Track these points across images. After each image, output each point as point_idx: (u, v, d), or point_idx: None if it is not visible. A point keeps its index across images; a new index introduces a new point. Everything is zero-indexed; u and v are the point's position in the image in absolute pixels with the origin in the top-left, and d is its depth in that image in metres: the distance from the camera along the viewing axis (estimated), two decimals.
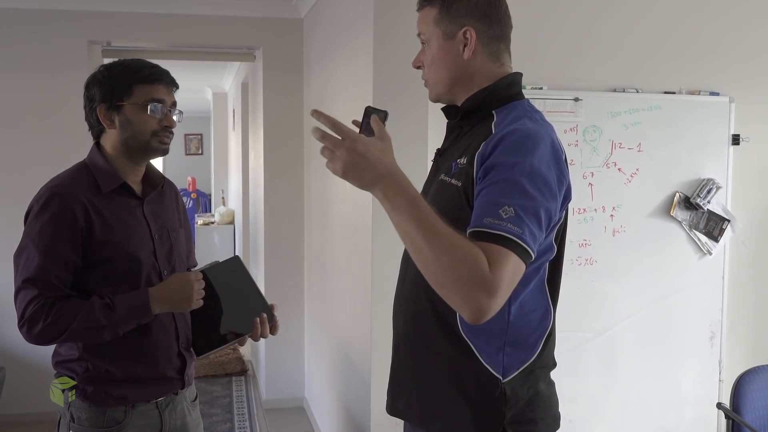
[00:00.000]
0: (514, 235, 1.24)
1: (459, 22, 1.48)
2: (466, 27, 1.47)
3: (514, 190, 1.28)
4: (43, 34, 4.37)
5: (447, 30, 1.49)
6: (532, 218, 1.28)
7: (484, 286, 1.20)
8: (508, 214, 1.26)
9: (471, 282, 1.20)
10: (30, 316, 1.73)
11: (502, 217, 1.25)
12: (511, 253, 1.24)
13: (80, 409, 1.85)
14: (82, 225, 1.78)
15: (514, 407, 1.44)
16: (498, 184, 1.30)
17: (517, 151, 1.32)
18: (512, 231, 1.25)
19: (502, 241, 1.24)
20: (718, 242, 3.38)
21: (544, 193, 1.31)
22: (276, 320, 1.94)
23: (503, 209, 1.26)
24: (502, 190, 1.29)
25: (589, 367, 3.28)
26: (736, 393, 2.67)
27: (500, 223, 1.25)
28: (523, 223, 1.26)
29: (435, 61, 1.52)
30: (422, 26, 1.54)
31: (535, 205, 1.29)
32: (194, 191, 10.65)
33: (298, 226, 4.77)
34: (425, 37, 1.53)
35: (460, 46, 1.48)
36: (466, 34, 1.47)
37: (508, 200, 1.27)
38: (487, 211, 1.27)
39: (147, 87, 1.87)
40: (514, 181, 1.29)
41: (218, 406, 4.78)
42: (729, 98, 3.39)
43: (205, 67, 7.23)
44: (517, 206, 1.27)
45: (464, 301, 1.22)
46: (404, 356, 1.57)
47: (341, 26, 3.58)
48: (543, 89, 3.14)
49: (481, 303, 1.21)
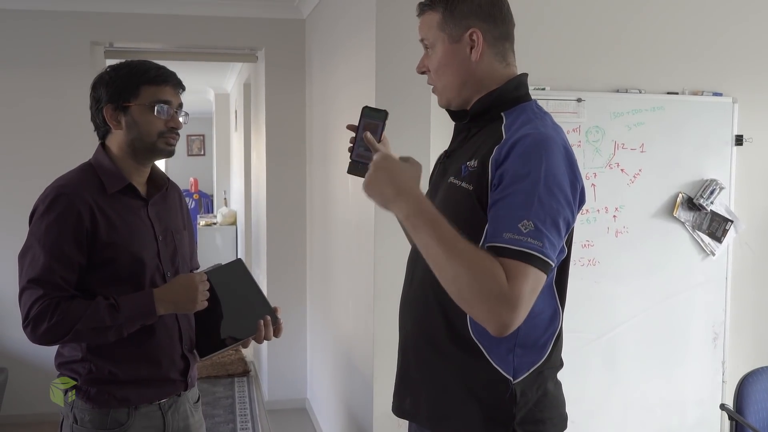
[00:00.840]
0: (534, 250, 1.26)
1: (464, 24, 1.46)
2: (471, 29, 1.46)
3: (531, 201, 1.29)
4: (46, 34, 4.38)
5: (452, 33, 1.47)
6: (552, 228, 1.30)
7: (504, 301, 1.23)
8: (527, 228, 1.27)
9: (491, 297, 1.23)
10: (35, 316, 1.73)
11: (522, 231, 1.27)
12: (531, 267, 1.26)
13: (83, 410, 1.85)
14: (87, 225, 1.78)
15: (523, 408, 1.44)
16: (515, 195, 1.30)
17: (531, 158, 1.32)
18: (532, 246, 1.26)
19: (522, 256, 1.26)
20: (721, 243, 3.37)
21: (560, 200, 1.32)
22: (280, 323, 1.94)
23: (522, 223, 1.27)
24: (519, 201, 1.29)
25: (591, 367, 3.28)
26: (739, 394, 2.66)
27: (520, 239, 1.27)
28: (542, 235, 1.28)
29: (442, 66, 1.50)
30: (425, 31, 1.52)
31: (554, 214, 1.30)
32: (196, 192, 10.67)
33: (300, 226, 4.77)
34: (429, 42, 1.52)
35: (467, 49, 1.47)
36: (473, 36, 1.46)
37: (527, 213, 1.28)
38: (505, 225, 1.29)
39: (154, 88, 1.87)
40: (530, 191, 1.29)
41: (221, 406, 4.77)
42: (732, 99, 3.39)
43: (207, 68, 7.24)
44: (536, 219, 1.28)
45: (487, 316, 1.25)
46: (412, 358, 1.57)
47: (343, 27, 3.58)
48: (546, 90, 3.14)
49: (503, 317, 1.24)
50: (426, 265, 1.51)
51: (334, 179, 3.84)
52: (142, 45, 4.78)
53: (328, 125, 4.01)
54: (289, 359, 4.81)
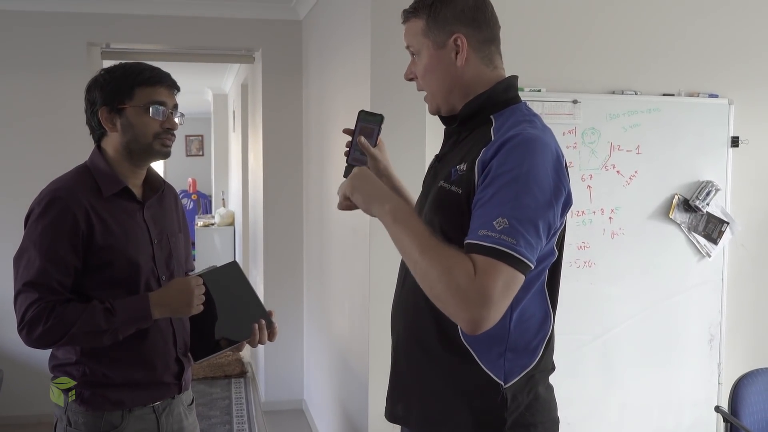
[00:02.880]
0: (506, 247, 1.26)
1: (448, 30, 1.46)
2: (455, 34, 1.46)
3: (508, 199, 1.29)
4: (42, 35, 4.37)
5: (436, 39, 1.48)
6: (529, 227, 1.29)
7: (472, 296, 1.23)
8: (501, 225, 1.27)
9: (459, 291, 1.24)
10: (30, 319, 1.73)
11: (496, 228, 1.27)
12: (503, 264, 1.25)
13: (77, 413, 1.85)
14: (83, 228, 1.78)
15: (515, 412, 1.44)
16: (495, 194, 1.30)
17: (515, 158, 1.32)
18: (505, 243, 1.26)
19: (493, 253, 1.25)
20: (717, 244, 3.38)
21: (540, 200, 1.31)
22: (275, 326, 1.93)
23: (497, 221, 1.27)
24: (497, 200, 1.30)
25: (587, 369, 3.28)
26: (734, 396, 2.67)
27: (493, 236, 1.27)
28: (517, 233, 1.27)
29: (428, 72, 1.51)
30: (410, 38, 1.53)
31: (531, 214, 1.30)
32: (195, 192, 10.66)
33: (297, 227, 4.77)
34: (414, 49, 1.52)
35: (452, 54, 1.47)
36: (457, 41, 1.46)
37: (502, 210, 1.28)
38: (481, 223, 1.29)
39: (148, 89, 1.86)
40: (509, 190, 1.29)
41: (217, 408, 4.77)
42: (728, 100, 3.39)
43: (205, 69, 7.24)
44: (511, 217, 1.28)
45: (457, 311, 1.26)
46: (404, 362, 1.56)
47: (339, 28, 3.58)
48: (541, 91, 3.14)
49: (473, 314, 1.24)
50: None
51: (330, 181, 3.84)
52: (138, 46, 4.77)
53: (324, 126, 4.01)
54: (285, 360, 4.81)
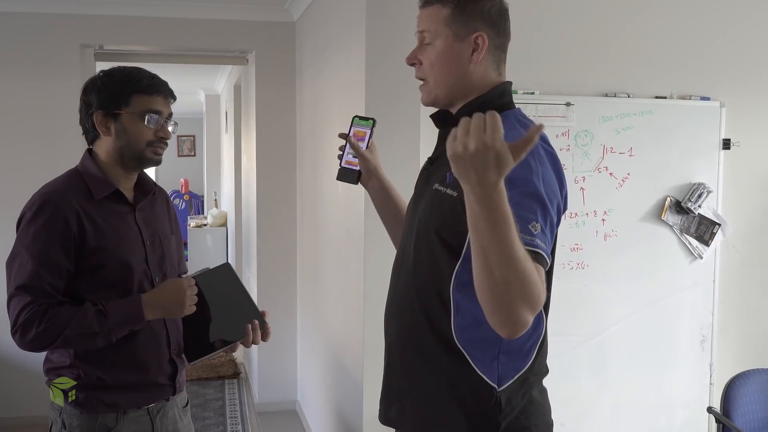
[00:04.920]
0: (542, 251, 1.28)
1: (471, 26, 1.46)
2: (478, 32, 1.46)
3: (534, 204, 1.30)
4: (35, 37, 4.35)
5: (459, 31, 1.46)
6: (549, 231, 1.33)
7: (536, 307, 1.20)
8: (536, 230, 1.28)
9: (537, 303, 1.20)
10: (23, 322, 1.73)
11: (533, 233, 1.28)
12: (541, 267, 1.26)
13: (71, 415, 1.85)
14: (74, 232, 1.78)
15: (509, 415, 1.44)
16: (518, 199, 1.28)
17: (523, 163, 1.29)
18: (541, 246, 1.28)
19: (535, 257, 1.25)
20: (709, 246, 3.40)
21: (554, 203, 1.35)
22: (267, 327, 1.94)
23: (532, 224, 1.28)
24: (526, 204, 1.29)
25: (580, 370, 3.30)
26: (726, 397, 2.68)
27: (533, 240, 1.27)
28: (545, 237, 1.30)
29: (440, 61, 1.49)
30: (427, 23, 1.50)
31: (551, 218, 1.33)
32: (187, 193, 10.64)
33: (290, 228, 4.76)
34: (430, 35, 1.49)
35: (469, 50, 1.47)
36: (477, 39, 1.46)
37: (534, 215, 1.29)
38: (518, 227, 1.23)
39: (145, 98, 1.87)
40: (533, 194, 1.31)
41: (211, 409, 4.77)
42: (720, 103, 3.41)
43: (197, 69, 7.21)
44: (541, 221, 1.30)
45: (515, 320, 1.19)
46: (398, 365, 1.56)
47: (333, 30, 3.58)
48: (535, 94, 3.15)
49: (528, 321, 1.21)
50: (410, 271, 1.51)
51: (323, 182, 3.84)
52: (132, 47, 4.76)
53: (318, 128, 4.01)
54: (279, 361, 4.81)
